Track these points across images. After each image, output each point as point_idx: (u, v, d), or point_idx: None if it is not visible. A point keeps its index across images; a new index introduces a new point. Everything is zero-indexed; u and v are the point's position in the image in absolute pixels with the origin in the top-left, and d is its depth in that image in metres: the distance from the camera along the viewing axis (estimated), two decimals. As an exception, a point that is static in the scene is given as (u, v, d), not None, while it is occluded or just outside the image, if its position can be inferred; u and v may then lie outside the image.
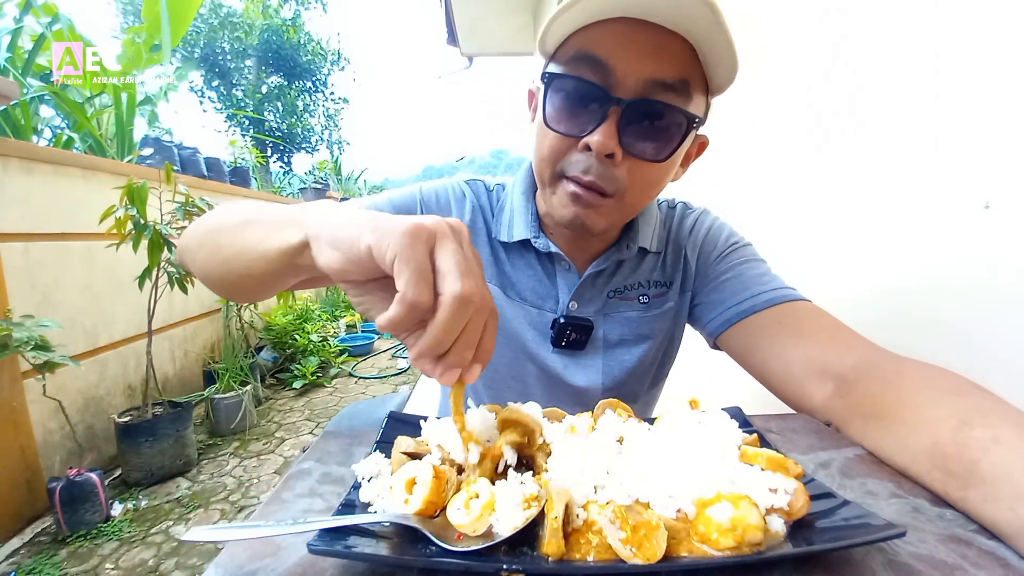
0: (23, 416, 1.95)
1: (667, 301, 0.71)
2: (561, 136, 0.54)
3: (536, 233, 0.67)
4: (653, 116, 0.52)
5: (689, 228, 0.73)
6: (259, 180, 7.01)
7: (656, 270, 0.71)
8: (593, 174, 0.53)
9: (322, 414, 3.12)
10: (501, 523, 0.30)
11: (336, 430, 0.52)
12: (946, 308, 0.63)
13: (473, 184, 0.74)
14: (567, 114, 0.54)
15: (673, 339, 0.75)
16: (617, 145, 0.51)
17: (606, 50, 0.50)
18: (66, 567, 1.72)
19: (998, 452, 0.35)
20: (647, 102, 0.51)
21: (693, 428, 0.38)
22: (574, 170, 0.54)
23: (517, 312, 0.69)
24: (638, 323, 0.70)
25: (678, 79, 0.50)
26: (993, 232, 0.56)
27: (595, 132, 0.51)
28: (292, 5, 11.90)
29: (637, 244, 0.67)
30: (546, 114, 0.55)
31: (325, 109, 12.80)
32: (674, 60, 0.50)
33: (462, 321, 0.31)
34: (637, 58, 0.50)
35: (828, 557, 0.29)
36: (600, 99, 0.51)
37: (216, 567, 0.30)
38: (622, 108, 0.50)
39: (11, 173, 2.01)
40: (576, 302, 0.68)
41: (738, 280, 0.66)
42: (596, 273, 0.67)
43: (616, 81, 0.50)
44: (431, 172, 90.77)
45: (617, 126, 0.51)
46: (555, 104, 0.54)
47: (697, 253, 0.71)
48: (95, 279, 2.40)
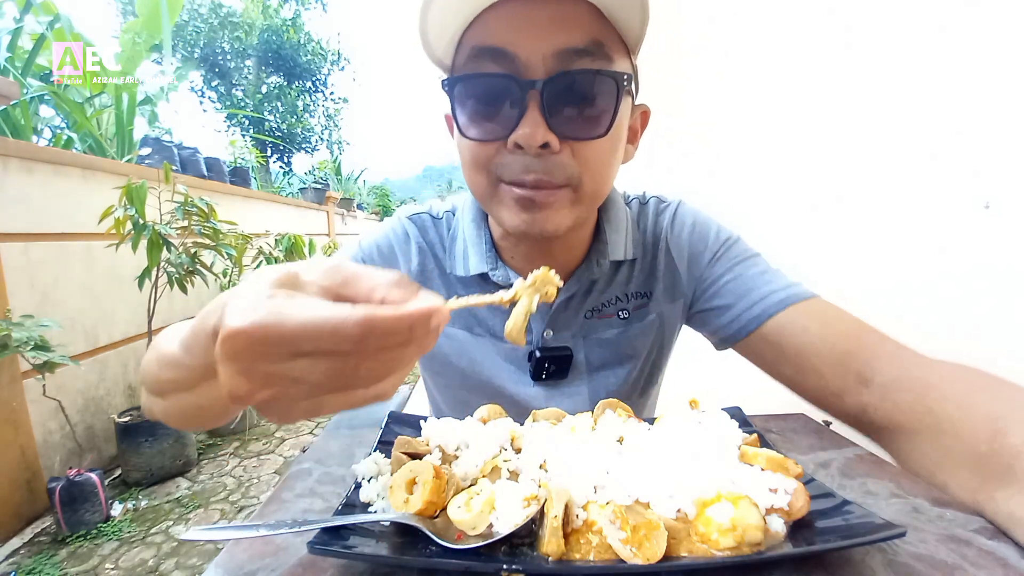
0: (23, 416, 1.95)
1: (648, 313, 0.65)
2: (484, 143, 0.49)
3: (493, 264, 0.61)
4: (577, 88, 0.46)
5: (667, 226, 0.66)
6: (259, 180, 7.02)
7: (633, 280, 0.65)
8: (536, 170, 0.47)
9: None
10: (501, 521, 0.30)
11: (336, 430, 0.52)
12: (946, 307, 0.63)
13: (417, 219, 0.67)
14: (482, 117, 0.49)
15: (663, 349, 0.70)
16: (548, 132, 0.46)
17: (502, 36, 0.46)
18: (66, 567, 1.72)
19: None
20: (565, 75, 0.45)
21: (693, 428, 0.38)
22: (512, 174, 0.49)
23: (488, 350, 0.64)
24: (619, 342, 0.65)
25: (589, 42, 0.46)
26: (993, 232, 0.56)
27: (520, 125, 0.46)
28: (292, 5, 11.91)
29: (608, 259, 0.61)
30: (460, 125, 0.50)
31: (325, 109, 12.81)
32: (579, 25, 0.45)
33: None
34: (538, 33, 0.45)
35: (828, 557, 0.29)
36: (512, 89, 0.46)
37: (216, 567, 0.30)
38: (540, 90, 0.45)
39: (11, 173, 2.01)
40: (551, 330, 0.63)
41: (740, 282, 0.62)
42: (568, 297, 0.62)
43: (523, 65, 0.45)
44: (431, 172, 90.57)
45: (541, 111, 0.45)
46: (467, 111, 0.49)
47: (686, 256, 0.65)
48: (95, 279, 2.40)
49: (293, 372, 0.24)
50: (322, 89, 12.62)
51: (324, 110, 12.79)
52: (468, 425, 0.43)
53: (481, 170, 0.51)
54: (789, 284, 0.60)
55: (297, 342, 0.23)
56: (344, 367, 0.24)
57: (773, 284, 0.60)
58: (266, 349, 0.24)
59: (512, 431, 0.42)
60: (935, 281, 0.65)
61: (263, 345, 0.23)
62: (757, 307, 0.59)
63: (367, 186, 11.01)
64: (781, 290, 0.59)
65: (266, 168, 9.72)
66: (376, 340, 0.24)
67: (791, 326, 0.57)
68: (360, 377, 0.25)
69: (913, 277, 0.69)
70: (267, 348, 0.24)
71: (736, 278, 0.62)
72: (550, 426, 0.44)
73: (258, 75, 11.44)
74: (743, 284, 0.61)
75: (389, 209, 10.78)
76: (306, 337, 0.23)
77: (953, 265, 0.62)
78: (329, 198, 6.47)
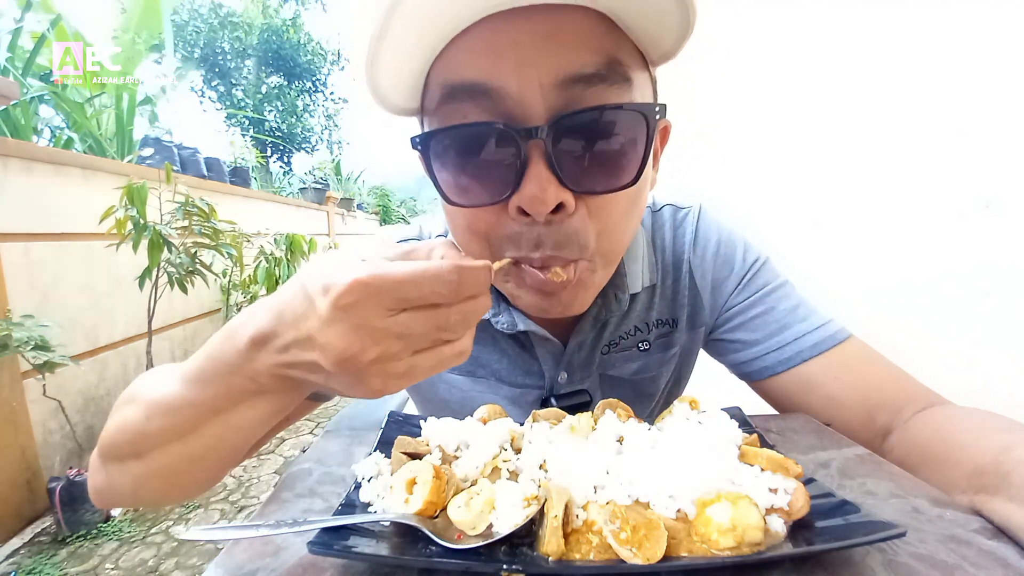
0: (23, 416, 1.95)
1: (672, 345, 0.59)
2: (477, 210, 0.39)
3: (496, 309, 0.53)
4: (593, 129, 0.36)
5: (690, 242, 0.58)
6: (259, 180, 7.02)
7: (654, 307, 0.58)
8: (547, 246, 0.38)
9: (322, 414, 3.12)
10: (501, 521, 0.30)
11: (336, 430, 0.52)
12: (946, 307, 0.63)
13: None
14: (471, 178, 0.38)
15: (680, 380, 0.64)
16: (560, 189, 0.35)
17: (481, 67, 0.35)
18: (66, 567, 1.72)
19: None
20: (575, 115, 0.35)
21: (693, 428, 0.38)
22: (519, 249, 0.39)
23: (494, 396, 0.58)
24: (638, 380, 0.59)
25: (602, 63, 0.35)
26: (993, 232, 0.56)
27: (523, 185, 0.36)
28: (292, 5, 11.91)
29: (627, 292, 0.54)
30: (443, 191, 0.39)
31: (325, 109, 12.82)
32: (585, 40, 0.35)
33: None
34: (531, 58, 0.34)
35: (828, 557, 0.29)
36: (507, 138, 0.35)
37: (216, 567, 0.30)
38: (544, 137, 0.35)
39: (11, 173, 2.01)
40: (565, 372, 0.56)
41: (771, 316, 0.56)
42: (582, 339, 0.55)
43: (515, 104, 0.35)
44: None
45: (548, 163, 0.35)
46: (449, 173, 0.38)
47: (710, 280, 0.58)
48: (95, 279, 2.40)
49: (398, 326, 0.27)
50: (322, 89, 12.62)
51: (324, 110, 12.80)
52: (468, 425, 0.43)
53: (480, 241, 0.41)
54: (822, 323, 0.55)
55: (405, 290, 0.26)
56: (439, 318, 0.27)
57: (806, 323, 0.54)
58: (380, 300, 0.26)
59: (512, 431, 0.42)
60: (935, 281, 0.65)
61: (378, 295, 0.26)
62: (788, 349, 0.54)
63: (367, 186, 11.01)
64: (814, 331, 0.54)
65: (266, 168, 9.72)
66: (466, 285, 0.27)
67: (822, 374, 0.53)
68: (450, 328, 0.28)
69: (913, 277, 0.69)
70: (381, 298, 0.26)
71: (767, 312, 0.56)
72: (550, 426, 0.44)
73: (258, 75, 11.44)
74: (774, 321, 0.56)
75: (389, 209, 10.79)
76: (413, 284, 0.26)
77: (953, 265, 0.62)
78: (329, 198, 6.47)
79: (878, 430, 0.51)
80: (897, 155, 0.72)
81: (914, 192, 0.69)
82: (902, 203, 0.71)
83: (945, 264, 0.63)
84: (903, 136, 0.71)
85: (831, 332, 0.54)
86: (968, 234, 0.60)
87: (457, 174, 0.39)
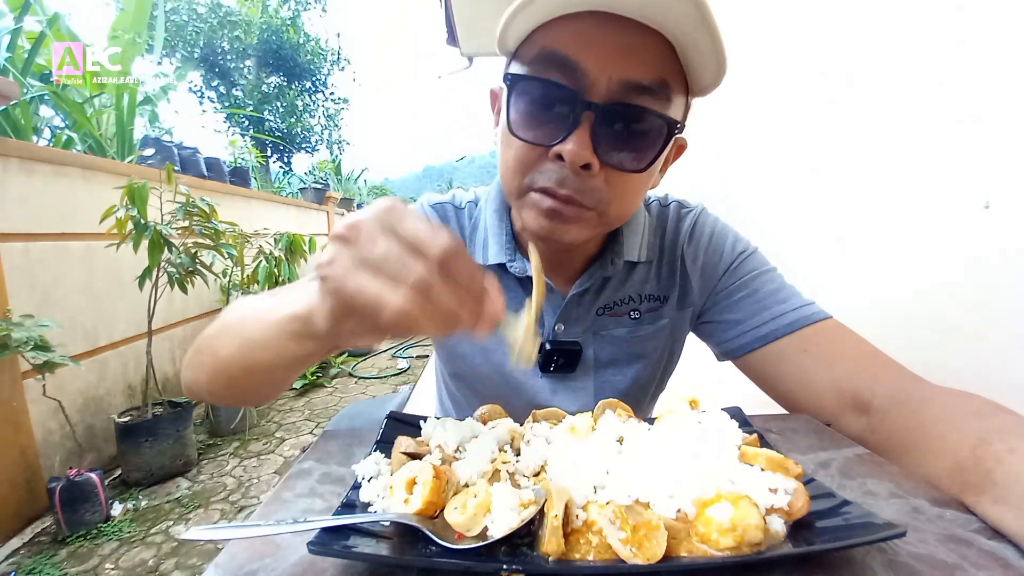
0: (23, 416, 1.95)
1: (661, 318, 0.65)
2: (529, 145, 0.49)
3: (512, 256, 0.62)
4: (630, 122, 0.47)
5: (687, 233, 0.66)
6: (259, 180, 7.02)
7: (649, 281, 0.65)
8: (569, 187, 0.48)
9: (322, 414, 3.12)
10: (496, 525, 0.30)
11: (336, 430, 0.52)
12: (945, 307, 0.63)
13: (439, 207, 0.68)
14: (534, 120, 0.48)
15: (672, 356, 0.70)
16: (593, 154, 0.46)
17: (574, 48, 0.45)
18: (66, 567, 1.72)
19: (1011, 461, 0.35)
20: (623, 106, 0.46)
21: (693, 428, 0.38)
22: (546, 181, 0.49)
23: (499, 339, 0.65)
24: (629, 342, 0.65)
25: (656, 80, 0.45)
26: (993, 232, 0.56)
27: (568, 140, 0.46)
28: (292, 5, 11.91)
29: (623, 258, 0.62)
30: (511, 121, 0.50)
31: (325, 109, 12.82)
32: (650, 59, 0.45)
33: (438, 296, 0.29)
34: (609, 57, 0.45)
35: (828, 557, 0.29)
36: (571, 103, 0.46)
37: (216, 567, 0.30)
38: (596, 113, 0.45)
39: (11, 173, 2.01)
40: (562, 324, 0.63)
41: (754, 298, 0.61)
42: (581, 292, 0.62)
43: (588, 83, 0.45)
44: (431, 172, 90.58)
45: (591, 133, 0.46)
46: (520, 109, 0.49)
47: (700, 265, 0.65)
48: (95, 279, 2.39)
49: (394, 252, 0.29)
50: (322, 89, 12.63)
51: (324, 110, 12.80)
52: (468, 425, 0.43)
53: (519, 169, 0.51)
54: (802, 304, 0.59)
55: (409, 222, 0.29)
56: (428, 279, 0.28)
57: (786, 304, 0.59)
58: (391, 218, 0.30)
59: (512, 431, 0.43)
60: (935, 281, 0.65)
61: (389, 213, 0.30)
62: (765, 327, 0.59)
63: (367, 186, 11.01)
64: (792, 311, 0.58)
65: (266, 168, 9.72)
66: (457, 265, 0.29)
67: (792, 349, 0.57)
68: (434, 299, 0.29)
69: (913, 277, 0.69)
70: (391, 217, 0.30)
71: (750, 294, 0.62)
72: (550, 427, 0.44)
73: (258, 75, 11.44)
74: (756, 302, 0.61)
75: (389, 209, 10.75)
76: (415, 224, 0.29)
77: (953, 265, 0.62)
78: (329, 198, 6.47)
79: (847, 401, 0.52)
80: (896, 154, 0.72)
81: (913, 191, 0.69)
82: (901, 202, 0.71)
83: (944, 264, 0.64)
84: (902, 135, 0.71)
85: (808, 313, 0.58)
86: (968, 234, 0.60)
87: (526, 113, 0.49)
